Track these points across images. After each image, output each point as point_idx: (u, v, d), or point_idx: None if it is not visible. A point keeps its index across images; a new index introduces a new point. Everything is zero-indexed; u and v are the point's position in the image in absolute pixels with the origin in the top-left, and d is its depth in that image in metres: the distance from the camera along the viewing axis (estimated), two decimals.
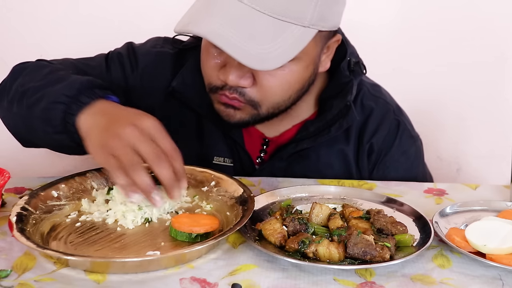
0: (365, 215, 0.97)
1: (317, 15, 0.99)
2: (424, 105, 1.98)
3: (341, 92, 1.17)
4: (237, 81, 1.03)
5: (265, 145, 1.24)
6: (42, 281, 0.80)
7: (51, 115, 0.99)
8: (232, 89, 1.05)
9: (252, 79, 1.04)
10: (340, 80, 1.18)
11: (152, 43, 1.28)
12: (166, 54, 1.24)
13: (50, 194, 0.99)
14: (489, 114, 2.02)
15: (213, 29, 0.94)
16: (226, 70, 1.03)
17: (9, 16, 1.95)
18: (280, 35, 0.96)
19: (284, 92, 1.07)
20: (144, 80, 1.23)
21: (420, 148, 1.32)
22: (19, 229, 0.86)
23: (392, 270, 0.86)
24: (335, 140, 1.21)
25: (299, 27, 0.98)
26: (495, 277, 0.85)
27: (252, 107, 1.07)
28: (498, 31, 1.95)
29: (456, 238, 0.90)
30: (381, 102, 1.25)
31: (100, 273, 0.82)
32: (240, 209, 0.96)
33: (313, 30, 1.00)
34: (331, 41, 1.11)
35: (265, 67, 0.97)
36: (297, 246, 0.86)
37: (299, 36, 0.98)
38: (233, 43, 0.93)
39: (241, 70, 1.02)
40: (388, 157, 1.24)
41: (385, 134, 1.23)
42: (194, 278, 0.82)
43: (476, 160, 2.05)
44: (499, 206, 1.04)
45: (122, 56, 1.24)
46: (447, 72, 1.99)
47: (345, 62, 1.19)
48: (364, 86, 1.25)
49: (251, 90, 1.05)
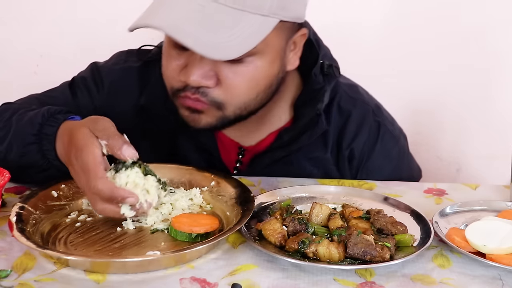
0: (365, 215, 0.97)
1: (276, 3, 0.95)
2: (424, 105, 1.98)
3: (313, 100, 1.14)
4: (199, 80, 0.98)
5: (240, 155, 1.20)
6: (42, 281, 0.80)
7: (29, 159, 1.00)
8: (193, 89, 1.00)
9: (215, 78, 0.99)
10: (313, 86, 1.14)
11: (115, 59, 1.25)
12: (130, 70, 1.21)
13: (50, 194, 0.99)
14: (489, 114, 2.02)
15: (167, 21, 0.91)
16: (188, 70, 0.99)
17: (9, 16, 1.95)
18: (237, 24, 0.93)
19: (250, 90, 1.02)
20: (110, 99, 1.20)
21: (404, 147, 1.29)
22: (19, 229, 0.86)
23: (392, 270, 0.86)
24: (312, 148, 1.18)
25: (257, 16, 0.94)
26: (495, 277, 0.85)
27: (216, 109, 1.02)
28: (498, 31, 1.95)
29: (456, 238, 0.90)
30: (359, 103, 1.21)
31: (100, 273, 0.82)
32: (240, 209, 0.96)
33: (274, 19, 0.97)
34: (296, 35, 1.06)
35: (223, 56, 0.92)
36: (297, 246, 0.86)
37: (259, 25, 0.95)
38: (188, 33, 0.90)
39: (203, 69, 0.98)
40: (370, 162, 1.21)
41: (365, 138, 1.20)
42: (194, 278, 0.82)
43: (476, 160, 2.05)
44: (499, 206, 1.04)
45: (86, 79, 1.21)
46: (447, 73, 1.99)
47: (317, 67, 1.15)
48: (340, 88, 1.20)
49: (214, 90, 1.00)
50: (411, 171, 1.30)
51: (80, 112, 1.07)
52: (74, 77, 1.24)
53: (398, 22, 1.97)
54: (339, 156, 1.20)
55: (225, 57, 0.93)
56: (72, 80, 1.23)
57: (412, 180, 1.25)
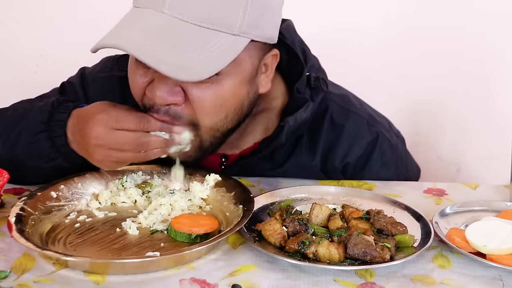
0: (365, 215, 0.97)
1: (247, 23, 0.92)
2: (424, 105, 1.98)
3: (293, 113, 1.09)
4: (166, 97, 0.94)
5: (223, 165, 1.17)
6: (41, 282, 0.80)
7: (38, 147, 1.00)
8: (162, 111, 0.95)
9: (182, 94, 0.95)
10: (295, 101, 1.10)
11: (101, 67, 1.23)
12: (114, 79, 1.18)
13: (49, 195, 0.99)
14: (489, 115, 2.02)
15: (129, 40, 0.88)
16: (153, 86, 0.95)
17: (9, 16, 1.95)
18: (206, 43, 0.90)
19: (218, 109, 0.97)
20: None
21: (402, 153, 1.27)
22: (18, 230, 0.86)
23: (392, 270, 0.85)
24: (301, 160, 1.16)
25: (228, 35, 0.91)
26: (495, 277, 0.85)
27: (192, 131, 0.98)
28: (497, 34, 1.95)
29: (456, 239, 0.90)
30: (352, 116, 1.17)
31: (99, 274, 0.82)
32: (240, 209, 0.96)
33: (245, 39, 0.93)
34: (267, 56, 1.02)
35: (192, 77, 0.89)
36: (297, 247, 0.86)
37: (229, 44, 0.92)
38: (152, 53, 0.86)
39: (168, 85, 0.94)
40: (367, 170, 1.19)
41: (361, 151, 1.18)
42: (194, 279, 0.82)
43: (476, 160, 2.05)
44: (499, 206, 1.04)
45: (74, 85, 1.21)
46: (447, 74, 1.99)
47: (300, 82, 1.09)
48: (331, 101, 1.16)
49: (184, 108, 0.96)
50: (409, 174, 1.29)
51: None
52: (63, 82, 1.24)
53: (398, 25, 1.98)
54: (331, 169, 1.18)
55: (192, 78, 0.89)
56: (61, 86, 1.23)
57: (411, 180, 1.25)
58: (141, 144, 0.94)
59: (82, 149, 0.98)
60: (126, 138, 0.93)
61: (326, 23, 1.04)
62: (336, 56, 1.19)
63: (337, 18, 1.93)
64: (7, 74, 2.01)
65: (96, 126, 0.94)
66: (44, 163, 1.02)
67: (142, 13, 0.92)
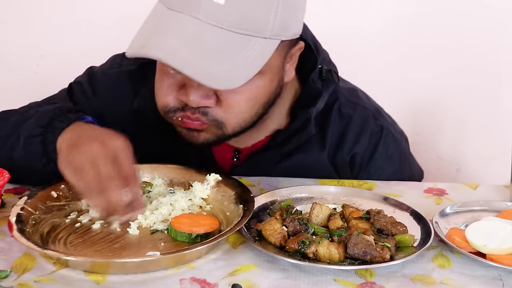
0: (365, 215, 0.97)
1: (278, 25, 0.93)
2: (424, 105, 1.98)
3: (309, 104, 1.13)
4: (199, 101, 0.96)
5: (235, 158, 1.20)
6: (42, 281, 0.80)
7: (32, 151, 1.00)
8: (194, 109, 0.98)
9: (215, 97, 0.97)
10: (310, 91, 1.13)
11: (110, 63, 1.23)
12: (124, 74, 1.19)
13: (49, 194, 0.99)
14: (489, 114, 2.02)
15: (169, 50, 0.88)
16: (187, 90, 0.96)
17: (9, 16, 1.95)
18: (241, 49, 0.91)
19: (250, 108, 1.01)
20: (106, 104, 1.18)
21: (405, 149, 1.29)
22: (18, 230, 0.86)
23: (392, 270, 0.85)
24: (310, 151, 1.17)
25: (260, 39, 0.92)
26: (496, 277, 0.85)
27: (216, 128, 1.01)
28: (498, 32, 1.95)
29: (456, 238, 0.90)
30: (359, 108, 1.20)
31: (100, 273, 0.82)
32: (240, 209, 0.96)
33: (275, 40, 0.95)
34: (293, 49, 1.05)
35: (230, 85, 0.91)
36: (297, 247, 0.86)
37: (262, 48, 0.93)
38: (193, 64, 0.88)
39: (203, 89, 0.95)
40: (372, 164, 1.21)
41: (367, 143, 1.19)
42: (194, 278, 0.82)
43: (476, 160, 2.05)
44: (499, 206, 1.04)
45: (82, 84, 1.20)
46: (447, 74, 1.99)
47: (315, 72, 1.13)
48: (339, 93, 1.19)
49: (215, 110, 0.98)
50: (412, 173, 1.29)
51: None
52: (71, 83, 1.23)
53: (397, 25, 1.98)
54: (339, 161, 1.19)
55: (233, 87, 0.91)
56: (69, 86, 1.23)
57: (415, 180, 1.25)
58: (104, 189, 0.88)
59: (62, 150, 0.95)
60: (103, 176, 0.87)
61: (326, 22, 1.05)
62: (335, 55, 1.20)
63: (337, 18, 1.93)
64: (7, 75, 2.01)
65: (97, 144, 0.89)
66: (42, 167, 1.01)
67: (177, 18, 0.91)
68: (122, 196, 0.88)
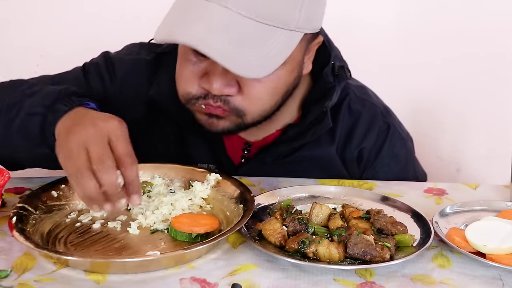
0: (365, 215, 0.97)
1: (303, 18, 0.96)
2: (424, 105, 1.98)
3: (322, 98, 1.14)
4: (222, 89, 0.98)
5: (246, 150, 1.21)
6: (42, 281, 0.80)
7: (28, 128, 0.97)
8: (216, 97, 1.00)
9: (237, 86, 0.99)
10: (323, 85, 1.15)
11: (127, 50, 1.24)
12: (142, 61, 1.20)
13: (50, 194, 0.99)
14: (489, 114, 2.02)
15: (199, 37, 0.89)
16: (210, 78, 0.98)
17: (9, 16, 1.95)
18: (267, 40, 0.93)
19: (271, 98, 1.03)
20: (122, 90, 1.19)
21: (411, 149, 1.30)
22: (19, 229, 0.86)
23: (392, 270, 0.85)
24: (320, 146, 1.18)
25: (285, 31, 0.95)
26: (495, 277, 0.85)
27: (236, 116, 1.02)
28: (498, 33, 1.95)
29: (456, 238, 0.90)
30: (368, 105, 1.23)
31: (100, 273, 0.82)
32: (240, 209, 0.96)
33: (299, 33, 0.97)
34: (313, 43, 1.08)
35: (256, 74, 0.93)
36: (297, 246, 0.86)
37: (286, 40, 0.95)
38: (222, 51, 0.89)
39: (226, 78, 0.97)
40: (378, 161, 1.22)
41: (374, 138, 1.21)
42: (194, 278, 0.82)
43: (476, 160, 2.05)
44: (499, 206, 1.04)
45: (99, 66, 1.20)
46: (447, 73, 1.99)
47: (328, 67, 1.15)
48: (350, 90, 1.22)
49: (236, 98, 1.00)
50: (417, 175, 1.30)
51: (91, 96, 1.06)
52: (86, 63, 1.23)
53: (397, 24, 1.97)
54: (348, 155, 1.21)
55: (259, 75, 0.93)
56: (84, 66, 1.22)
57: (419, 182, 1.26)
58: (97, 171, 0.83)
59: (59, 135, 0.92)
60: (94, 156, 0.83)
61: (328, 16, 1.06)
62: None
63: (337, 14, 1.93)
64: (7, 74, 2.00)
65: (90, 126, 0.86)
66: (32, 147, 0.99)
67: (206, 6, 0.92)
68: (115, 178, 0.83)
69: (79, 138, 0.85)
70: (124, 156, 0.84)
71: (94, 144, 0.83)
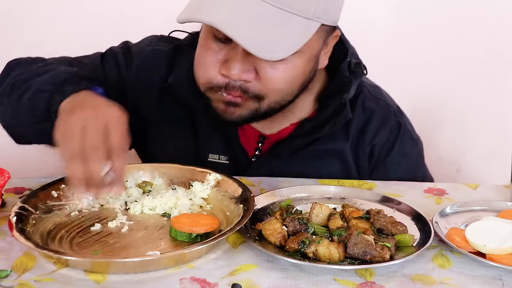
0: (365, 215, 0.97)
1: (320, 8, 0.99)
2: (424, 104, 1.98)
3: (340, 91, 1.17)
4: (240, 74, 1.02)
5: (260, 143, 1.22)
6: (42, 281, 0.80)
7: (35, 104, 1.00)
8: (236, 87, 1.03)
9: (255, 73, 1.03)
10: (340, 80, 1.18)
11: (147, 41, 1.28)
12: (161, 52, 1.23)
13: (50, 194, 0.99)
14: (489, 114, 2.02)
15: (223, 17, 0.94)
16: (228, 64, 1.02)
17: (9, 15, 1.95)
18: (285, 26, 0.97)
19: (287, 86, 1.06)
20: (139, 77, 1.22)
21: (421, 151, 1.32)
22: (19, 229, 0.86)
23: (392, 270, 0.86)
24: (334, 140, 1.20)
25: (303, 19, 0.98)
26: (495, 277, 0.85)
27: (253, 101, 1.06)
28: (499, 32, 1.95)
29: (456, 238, 0.90)
30: (382, 103, 1.25)
31: (100, 273, 0.82)
32: (240, 209, 0.96)
33: (317, 23, 1.00)
34: (330, 37, 1.11)
35: (273, 56, 0.97)
36: (297, 246, 0.86)
37: (304, 28, 0.99)
38: (243, 33, 0.93)
39: (244, 64, 1.02)
40: (389, 159, 1.24)
41: (386, 136, 1.23)
42: (194, 278, 0.82)
43: (476, 160, 2.05)
44: (499, 206, 1.04)
45: (117, 54, 1.24)
46: (447, 73, 1.99)
47: (345, 63, 1.18)
48: (364, 88, 1.25)
49: (253, 84, 1.04)
50: (425, 178, 1.31)
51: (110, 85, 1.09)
52: (106, 50, 1.26)
53: (397, 23, 1.97)
54: (360, 152, 1.23)
55: (275, 58, 0.97)
56: (103, 53, 1.25)
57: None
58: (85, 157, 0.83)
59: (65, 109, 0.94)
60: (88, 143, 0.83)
61: None
62: None
63: None
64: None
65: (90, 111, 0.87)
66: (36, 123, 1.01)
67: None
68: (102, 168, 0.83)
69: (77, 120, 0.86)
70: (116, 146, 0.85)
71: (91, 129, 0.84)
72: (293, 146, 1.19)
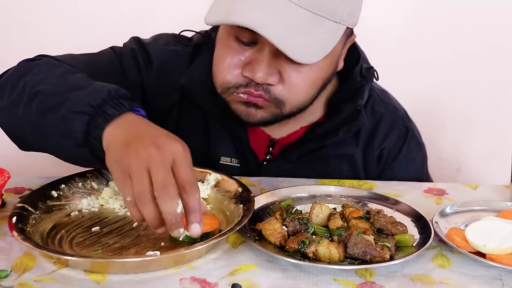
0: (365, 215, 0.97)
1: (347, 11, 0.99)
2: (424, 104, 1.98)
3: (352, 97, 1.17)
4: (266, 78, 1.00)
5: (271, 147, 1.22)
6: (42, 281, 0.80)
7: (71, 126, 0.88)
8: (258, 85, 1.02)
9: (279, 76, 1.02)
10: (352, 84, 1.18)
11: (164, 40, 1.23)
12: (180, 53, 1.21)
13: (50, 194, 0.99)
14: (490, 114, 2.02)
15: (256, 20, 0.92)
16: (253, 67, 1.00)
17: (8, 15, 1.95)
18: (316, 29, 0.96)
19: (309, 89, 1.06)
20: (160, 79, 1.19)
21: (426, 156, 1.33)
22: (19, 229, 0.86)
23: (392, 270, 0.86)
24: (344, 144, 1.20)
25: (331, 22, 0.98)
26: (495, 277, 0.85)
27: (275, 106, 1.04)
28: (498, 31, 1.95)
29: (456, 238, 0.90)
30: (391, 108, 1.26)
31: (100, 273, 0.82)
32: (240, 209, 0.96)
33: (343, 26, 1.00)
34: (348, 40, 1.11)
35: (307, 60, 0.96)
36: (297, 246, 0.86)
37: (332, 31, 0.99)
38: (278, 35, 0.92)
39: (270, 67, 1.00)
40: (396, 163, 1.25)
41: (394, 140, 1.24)
42: (194, 278, 0.82)
43: (476, 160, 2.05)
44: (499, 206, 1.04)
45: (135, 52, 1.18)
46: (447, 72, 1.99)
47: (358, 67, 1.18)
48: (374, 92, 1.25)
49: (277, 88, 1.02)
50: (429, 179, 1.33)
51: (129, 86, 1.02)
52: (115, 47, 1.20)
53: (397, 23, 1.97)
54: (369, 155, 1.23)
55: (310, 61, 0.96)
56: (114, 51, 1.19)
57: None
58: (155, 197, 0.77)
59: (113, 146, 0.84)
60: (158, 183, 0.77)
61: None
62: None
63: None
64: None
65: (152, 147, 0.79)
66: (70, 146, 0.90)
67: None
68: (176, 206, 0.78)
69: (139, 158, 0.78)
70: (187, 183, 0.79)
71: (158, 168, 0.77)
72: (304, 150, 1.19)
